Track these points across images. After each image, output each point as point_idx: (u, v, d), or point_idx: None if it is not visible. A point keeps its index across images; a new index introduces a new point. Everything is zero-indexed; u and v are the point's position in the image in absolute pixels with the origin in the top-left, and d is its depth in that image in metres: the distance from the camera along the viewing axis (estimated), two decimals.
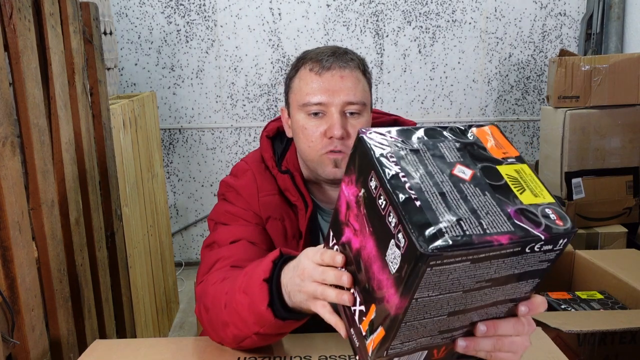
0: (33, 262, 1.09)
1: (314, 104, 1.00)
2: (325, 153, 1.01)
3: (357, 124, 1.01)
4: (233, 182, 1.13)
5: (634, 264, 1.71)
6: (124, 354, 0.97)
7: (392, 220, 0.57)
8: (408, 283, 0.55)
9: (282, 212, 1.09)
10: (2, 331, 0.98)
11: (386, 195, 0.58)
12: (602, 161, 2.32)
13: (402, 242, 0.55)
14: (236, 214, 1.09)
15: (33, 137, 1.12)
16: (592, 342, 1.26)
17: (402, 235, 0.55)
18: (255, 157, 1.15)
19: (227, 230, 1.07)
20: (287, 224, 1.10)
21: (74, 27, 1.36)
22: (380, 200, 0.59)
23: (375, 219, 0.61)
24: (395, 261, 0.57)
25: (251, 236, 1.06)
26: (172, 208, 3.15)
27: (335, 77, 0.99)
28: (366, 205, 0.62)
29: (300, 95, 1.02)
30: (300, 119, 1.03)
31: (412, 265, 0.54)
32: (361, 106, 1.01)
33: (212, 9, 2.93)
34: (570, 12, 2.99)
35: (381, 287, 0.60)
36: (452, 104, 3.08)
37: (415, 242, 0.53)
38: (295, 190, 1.07)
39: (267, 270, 0.81)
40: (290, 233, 1.10)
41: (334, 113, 0.99)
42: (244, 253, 1.02)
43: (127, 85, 3.01)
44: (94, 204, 1.45)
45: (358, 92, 1.00)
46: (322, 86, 0.99)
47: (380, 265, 0.60)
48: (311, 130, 1.01)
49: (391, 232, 0.57)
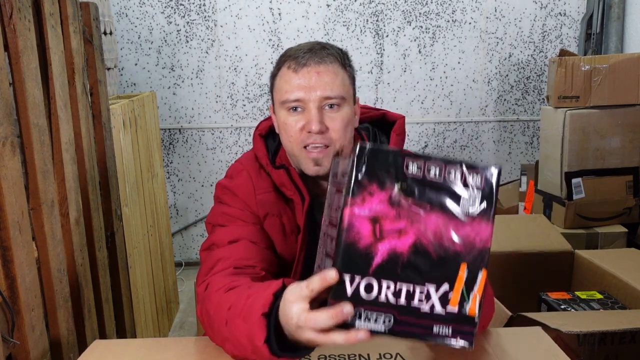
0: (33, 262, 1.09)
1: (292, 101, 1.03)
2: (305, 147, 1.03)
3: (336, 117, 1.03)
4: (228, 183, 1.13)
5: (634, 264, 1.71)
6: (124, 354, 0.97)
7: (454, 171, 0.68)
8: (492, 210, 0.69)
9: (279, 208, 1.10)
10: (2, 331, 0.98)
11: (435, 161, 0.68)
12: (602, 161, 2.32)
13: (478, 179, 0.69)
14: (233, 214, 1.09)
15: (33, 137, 1.12)
16: (592, 342, 1.26)
17: (476, 173, 0.68)
18: (249, 157, 1.16)
19: (225, 231, 1.07)
20: (284, 220, 1.10)
21: (74, 27, 1.36)
22: (431, 173, 0.68)
23: (427, 196, 0.68)
24: (476, 201, 0.68)
25: (251, 235, 1.06)
26: (172, 208, 3.15)
27: (311, 73, 1.02)
28: (410, 192, 0.68)
29: (280, 93, 1.05)
30: (282, 115, 1.05)
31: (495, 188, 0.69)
32: (340, 99, 1.03)
33: (212, 9, 2.93)
34: (570, 12, 2.99)
35: (470, 238, 0.69)
36: (452, 104, 3.08)
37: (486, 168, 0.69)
38: (291, 184, 1.08)
39: (266, 304, 0.77)
40: (288, 229, 1.11)
41: (312, 109, 1.01)
42: (245, 252, 1.02)
43: (127, 85, 3.01)
44: (94, 204, 1.45)
45: (335, 87, 1.02)
46: (299, 83, 1.02)
47: (456, 224, 0.68)
48: (290, 125, 1.04)
49: (459, 182, 0.68)
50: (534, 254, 1.86)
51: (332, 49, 1.06)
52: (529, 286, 1.80)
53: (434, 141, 3.11)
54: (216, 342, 0.94)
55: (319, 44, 1.07)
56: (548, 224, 2.10)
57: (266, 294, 0.79)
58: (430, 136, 3.11)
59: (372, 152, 0.67)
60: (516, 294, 1.72)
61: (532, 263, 1.86)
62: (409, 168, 0.67)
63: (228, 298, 0.89)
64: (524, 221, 2.15)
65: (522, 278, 1.86)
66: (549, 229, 2.03)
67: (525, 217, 2.33)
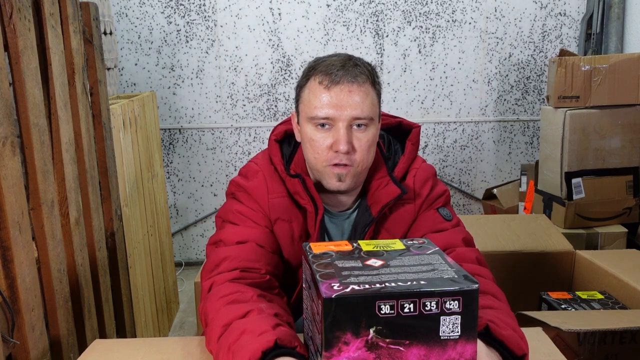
0: (33, 262, 1.09)
1: (322, 118, 1.02)
2: (330, 165, 1.03)
3: (363, 137, 1.03)
4: (244, 182, 1.13)
5: (634, 265, 1.71)
6: (123, 353, 0.97)
7: (430, 303, 0.67)
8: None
9: (290, 214, 1.10)
10: (2, 331, 0.98)
11: (409, 297, 0.67)
12: (602, 161, 2.32)
13: (455, 303, 0.67)
14: (245, 214, 1.09)
15: (33, 137, 1.12)
16: (592, 341, 1.26)
17: (453, 299, 0.67)
18: (264, 158, 1.16)
19: (235, 230, 1.08)
20: (294, 226, 1.11)
21: (74, 27, 1.36)
22: (405, 309, 0.67)
23: (404, 332, 0.67)
24: (456, 324, 0.67)
25: (259, 239, 1.06)
26: (172, 208, 3.15)
27: (343, 91, 1.01)
28: (384, 334, 0.67)
29: (309, 107, 1.04)
30: (309, 130, 1.05)
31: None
32: (368, 120, 1.03)
33: (212, 9, 2.93)
34: (570, 12, 2.99)
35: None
36: (452, 104, 3.08)
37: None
38: (306, 194, 1.08)
39: (253, 359, 0.78)
40: (297, 234, 1.11)
41: (341, 128, 1.01)
42: (252, 254, 1.03)
43: (127, 85, 3.01)
44: (94, 204, 1.45)
45: (365, 107, 1.02)
46: (330, 101, 1.01)
47: (438, 351, 0.68)
48: (318, 142, 1.03)
49: (436, 310, 0.67)
50: (535, 254, 1.86)
51: (364, 67, 1.05)
52: (530, 286, 1.80)
53: (434, 141, 3.12)
54: (208, 345, 0.94)
55: (350, 59, 1.06)
56: (549, 224, 2.10)
57: (256, 346, 0.79)
58: (430, 136, 3.11)
59: (339, 302, 0.65)
60: (517, 294, 1.73)
61: (533, 263, 1.86)
62: (381, 310, 0.66)
63: (227, 313, 0.89)
64: (526, 221, 2.15)
65: (522, 278, 1.86)
66: (550, 229, 2.04)
67: (527, 217, 2.33)
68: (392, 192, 1.08)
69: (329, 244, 0.84)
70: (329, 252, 0.80)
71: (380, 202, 1.09)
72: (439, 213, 1.13)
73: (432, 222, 1.11)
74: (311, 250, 0.81)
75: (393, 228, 1.13)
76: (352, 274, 0.71)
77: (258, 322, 0.85)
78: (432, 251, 0.80)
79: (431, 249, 0.81)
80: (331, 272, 0.72)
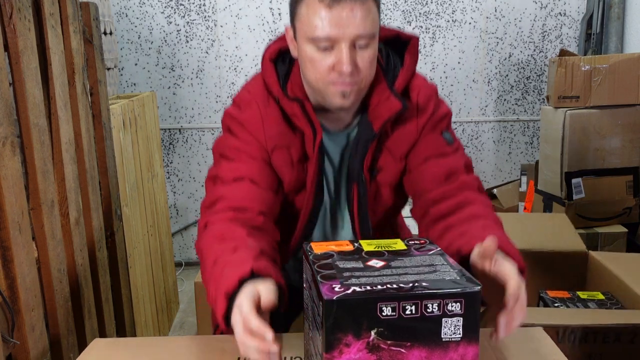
0: (33, 262, 1.09)
1: (323, 38, 0.96)
2: (332, 84, 0.99)
3: (366, 56, 0.98)
4: (237, 114, 1.11)
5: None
6: (123, 353, 0.97)
7: (432, 304, 0.67)
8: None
9: (287, 139, 1.08)
10: (2, 331, 0.98)
11: (411, 299, 0.66)
12: (602, 161, 2.32)
13: (457, 305, 0.67)
14: (240, 148, 1.08)
15: (33, 137, 1.12)
16: (573, 339, 1.24)
17: (455, 301, 0.67)
18: (257, 86, 1.11)
19: (231, 166, 1.07)
20: (293, 152, 1.09)
21: (74, 27, 1.36)
22: (407, 311, 0.66)
23: (406, 334, 0.67)
24: (458, 326, 0.67)
25: (254, 174, 1.06)
26: (172, 208, 3.15)
27: (345, 9, 0.94)
28: (386, 336, 0.67)
29: (308, 26, 0.97)
30: (308, 50, 0.99)
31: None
32: (370, 39, 0.98)
33: (212, 9, 2.93)
34: (570, 12, 2.99)
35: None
36: (452, 104, 3.08)
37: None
38: (304, 117, 1.05)
39: (230, 286, 0.82)
40: (296, 158, 1.09)
41: (344, 48, 0.95)
42: (247, 193, 1.04)
43: (127, 85, 3.01)
44: (94, 204, 1.45)
45: (368, 24, 0.97)
46: (332, 20, 0.95)
47: (440, 354, 0.68)
48: (319, 62, 0.98)
49: (438, 312, 0.67)
50: (546, 253, 1.83)
51: None
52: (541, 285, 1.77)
53: None
54: (203, 282, 0.98)
55: None
56: (567, 224, 2.03)
57: (233, 275, 0.83)
58: None
59: (340, 304, 0.65)
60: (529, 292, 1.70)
61: (545, 262, 1.83)
62: (383, 312, 0.66)
63: (216, 250, 0.93)
64: (541, 220, 2.11)
65: (533, 276, 1.83)
66: (565, 229, 1.98)
67: (544, 216, 2.28)
68: (393, 107, 1.05)
69: (330, 244, 0.84)
70: (330, 252, 0.80)
71: (381, 117, 1.05)
72: (443, 137, 1.11)
73: (435, 146, 1.09)
74: (312, 250, 0.81)
75: (394, 148, 1.10)
76: (354, 275, 0.71)
77: (241, 256, 0.88)
78: (434, 252, 0.80)
79: (433, 249, 0.81)
80: (332, 273, 0.71)
